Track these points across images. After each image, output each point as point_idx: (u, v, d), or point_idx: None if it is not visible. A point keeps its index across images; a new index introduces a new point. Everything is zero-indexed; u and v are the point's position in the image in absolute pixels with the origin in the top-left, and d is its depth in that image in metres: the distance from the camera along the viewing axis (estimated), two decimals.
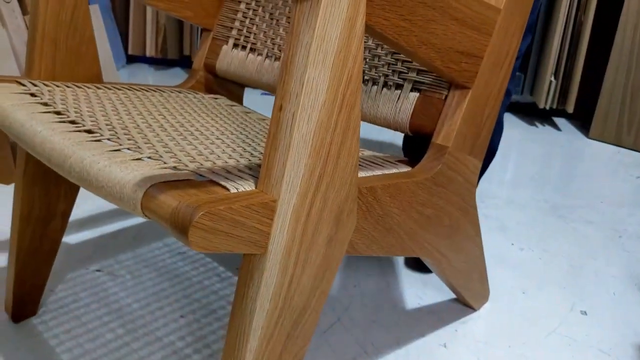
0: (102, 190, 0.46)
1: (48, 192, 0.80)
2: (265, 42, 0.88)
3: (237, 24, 0.92)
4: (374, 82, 0.73)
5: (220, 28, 0.95)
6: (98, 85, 0.80)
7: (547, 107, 1.90)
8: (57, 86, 0.74)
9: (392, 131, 1.72)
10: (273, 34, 0.87)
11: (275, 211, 0.43)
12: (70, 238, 1.08)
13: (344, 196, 0.49)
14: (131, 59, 2.60)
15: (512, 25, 0.66)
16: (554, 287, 1.00)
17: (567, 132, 1.89)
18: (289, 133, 0.43)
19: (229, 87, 0.98)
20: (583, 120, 1.93)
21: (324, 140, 0.45)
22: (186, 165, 0.49)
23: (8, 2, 1.50)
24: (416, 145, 1.01)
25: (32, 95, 0.68)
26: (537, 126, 1.92)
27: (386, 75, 0.71)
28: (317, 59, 0.42)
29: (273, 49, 0.87)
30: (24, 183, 0.78)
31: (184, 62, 2.58)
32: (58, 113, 0.63)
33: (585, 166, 1.61)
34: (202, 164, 0.51)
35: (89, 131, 0.57)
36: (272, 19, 0.88)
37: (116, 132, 0.58)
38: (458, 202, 0.71)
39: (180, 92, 0.88)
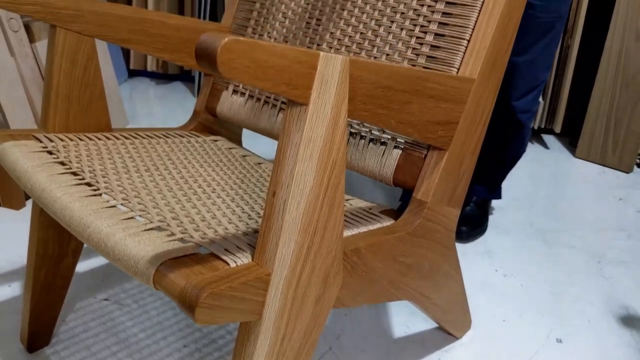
0: (119, 263, 0.52)
1: (61, 233, 0.87)
2: None
3: None
4: (362, 137, 0.79)
5: None
6: (108, 136, 0.86)
7: (536, 127, 1.97)
8: (71, 140, 0.81)
9: None
10: None
11: (269, 283, 0.50)
12: (79, 267, 1.14)
13: (330, 261, 0.56)
14: (132, 73, 2.66)
15: (487, 90, 0.73)
16: (533, 315, 1.07)
17: (555, 151, 1.96)
18: (281, 216, 0.49)
19: (229, 128, 1.05)
20: (571, 138, 1.99)
21: (311, 219, 0.51)
22: (191, 236, 0.56)
23: (16, 32, 1.56)
24: None
25: (50, 152, 0.75)
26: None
27: (372, 132, 0.78)
28: (305, 155, 0.48)
29: (270, 96, 0.93)
30: (39, 226, 0.85)
31: (184, 77, 2.64)
32: (74, 174, 0.69)
33: (571, 187, 1.67)
34: (205, 233, 0.57)
35: (104, 195, 0.64)
36: None
37: (127, 196, 0.65)
38: (438, 248, 0.78)
39: (183, 137, 0.95)
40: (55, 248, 0.88)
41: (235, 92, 0.99)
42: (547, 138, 2.07)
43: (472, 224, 1.33)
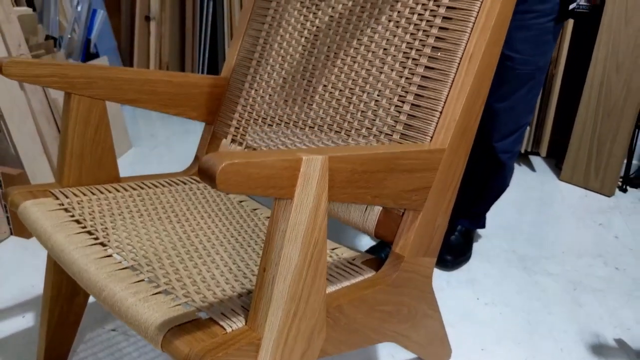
0: (131, 325, 0.61)
1: None
2: (258, 140, 1.03)
3: (234, 122, 1.07)
4: None
5: (220, 124, 1.09)
6: (117, 187, 0.95)
7: (523, 151, 2.05)
8: (84, 194, 0.89)
9: None
10: (266, 133, 1.02)
11: (260, 346, 0.58)
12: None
13: (314, 321, 0.64)
14: None
15: (457, 156, 0.81)
16: (510, 343, 1.15)
17: (540, 173, 2.04)
18: (270, 289, 0.58)
19: None
20: (557, 159, 2.07)
21: (296, 289, 0.60)
22: (193, 300, 0.64)
23: None
24: None
25: (66, 210, 0.83)
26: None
27: None
28: (291, 238, 0.57)
29: (268, 146, 1.01)
30: (54, 271, 0.93)
31: None
32: (89, 233, 0.78)
33: (554, 212, 1.76)
34: (205, 296, 0.66)
35: (116, 255, 0.72)
36: (264, 119, 1.03)
37: (136, 256, 0.73)
38: (415, 293, 0.86)
39: (185, 184, 1.03)
40: (68, 289, 0.96)
41: (233, 140, 1.07)
42: (534, 159, 2.15)
43: (457, 253, 1.41)
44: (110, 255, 0.73)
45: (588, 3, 1.92)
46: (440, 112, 0.79)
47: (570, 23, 1.89)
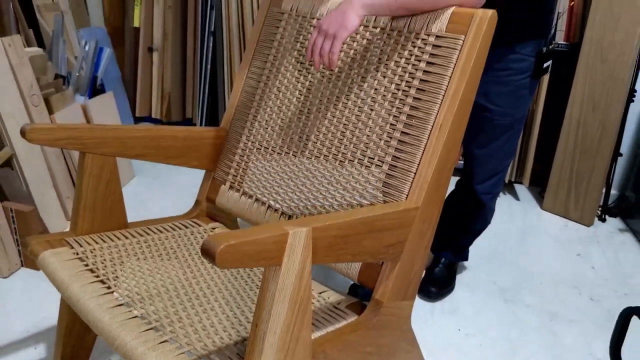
0: None
1: None
2: (254, 188, 1.12)
3: (232, 170, 1.17)
4: None
5: (220, 172, 1.19)
6: (125, 234, 1.04)
7: (507, 181, 2.15)
8: (96, 242, 0.99)
9: None
10: (261, 182, 1.12)
11: None
12: None
13: None
14: (138, 119, 2.84)
15: (431, 210, 0.91)
16: None
17: (524, 202, 2.14)
18: (262, 342, 0.67)
19: (226, 214, 1.23)
20: (541, 188, 2.16)
21: (285, 341, 0.69)
22: (195, 348, 0.74)
23: (37, 106, 1.74)
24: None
25: (80, 259, 0.93)
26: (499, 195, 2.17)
27: None
28: (279, 299, 0.66)
29: (262, 195, 1.11)
30: (67, 312, 1.03)
31: (186, 123, 2.82)
32: (102, 282, 0.87)
33: (535, 241, 1.85)
34: (205, 344, 0.75)
35: (126, 304, 0.82)
36: (260, 169, 1.12)
37: (144, 304, 0.83)
38: (395, 333, 0.95)
39: (187, 227, 1.13)
40: (80, 328, 1.06)
41: (231, 187, 1.17)
42: (519, 187, 2.25)
43: (440, 284, 1.51)
44: (122, 304, 0.82)
45: (567, 42, 2.03)
46: (415, 173, 0.89)
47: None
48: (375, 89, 0.96)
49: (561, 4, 1.98)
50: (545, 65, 1.25)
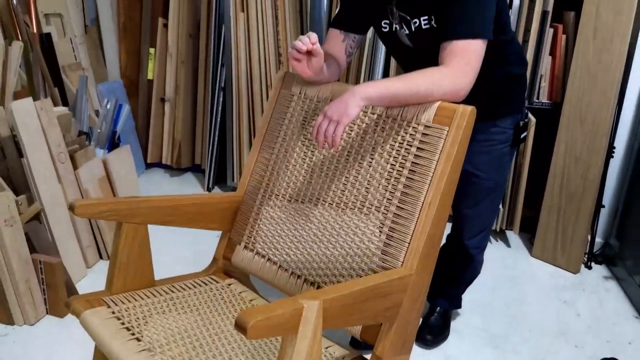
0: None
1: None
2: (267, 249, 1.26)
3: (247, 232, 1.31)
4: None
5: (235, 233, 1.33)
6: (154, 292, 1.18)
7: (498, 229, 2.29)
8: (129, 301, 1.12)
9: None
10: (273, 243, 1.25)
11: None
12: None
13: None
14: (149, 165, 3.00)
15: (423, 275, 1.04)
16: None
17: (515, 249, 2.27)
18: None
19: (241, 271, 1.36)
20: (531, 235, 2.30)
21: None
22: None
23: (63, 163, 1.90)
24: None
25: (117, 318, 1.06)
26: (491, 242, 2.30)
27: None
28: None
29: (274, 255, 1.25)
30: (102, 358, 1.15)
31: (195, 169, 2.98)
32: (138, 339, 1.00)
33: (525, 289, 1.98)
34: None
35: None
36: (272, 232, 1.26)
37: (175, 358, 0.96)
38: None
39: (207, 284, 1.26)
40: None
41: (246, 247, 1.31)
42: (510, 234, 2.38)
43: (436, 332, 1.63)
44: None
45: (550, 101, 2.20)
46: (409, 243, 1.03)
47: (533, 121, 2.16)
48: (373, 168, 1.11)
49: (543, 66, 2.16)
50: (522, 135, 1.41)
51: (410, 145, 1.07)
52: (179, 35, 2.76)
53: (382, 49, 2.25)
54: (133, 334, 1.02)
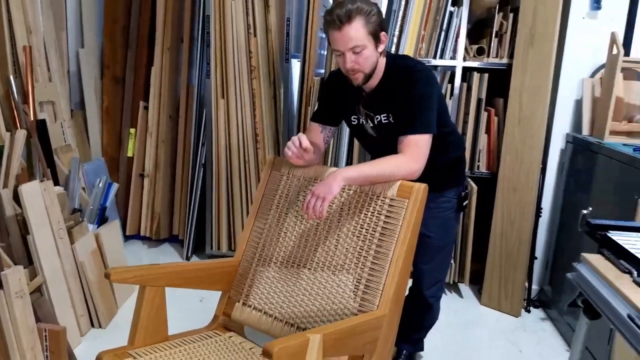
0: None
1: None
2: (263, 304, 1.51)
3: (244, 290, 1.55)
4: None
5: (234, 292, 1.57)
6: (169, 345, 1.39)
7: (451, 282, 2.61)
8: (150, 353, 1.33)
9: None
10: (268, 298, 1.50)
11: None
12: None
13: None
14: (127, 237, 3.17)
15: (394, 315, 1.32)
16: None
17: (466, 299, 2.58)
18: None
19: (237, 325, 1.59)
20: (479, 285, 2.62)
21: None
22: None
23: (62, 239, 2.09)
24: None
25: None
26: (446, 293, 2.61)
27: None
28: None
29: (269, 309, 1.49)
30: None
31: (173, 239, 3.17)
32: None
33: (475, 332, 2.27)
34: None
35: None
36: (267, 289, 1.51)
37: None
38: None
39: (211, 337, 1.48)
40: None
41: (244, 304, 1.55)
42: (461, 286, 2.70)
43: None
44: None
45: (488, 170, 2.60)
46: (382, 291, 1.32)
47: (475, 188, 2.54)
48: (352, 233, 1.41)
49: (481, 142, 2.57)
50: (464, 203, 1.76)
51: (380, 214, 1.38)
52: (160, 117, 3.05)
53: (345, 138, 2.59)
54: None
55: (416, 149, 1.41)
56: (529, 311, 2.45)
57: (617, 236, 1.19)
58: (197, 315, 1.53)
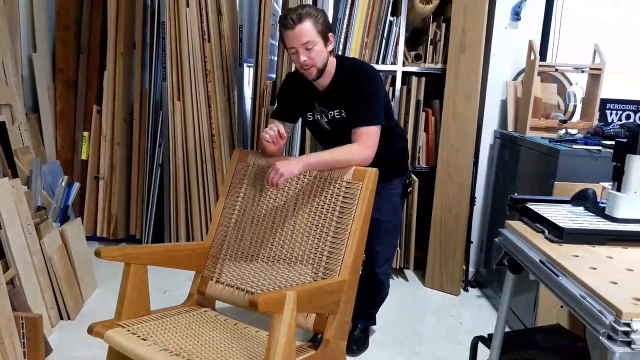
0: None
1: None
2: (234, 279, 1.67)
3: (217, 269, 1.72)
4: None
5: (207, 271, 1.73)
6: (153, 318, 1.53)
7: (397, 267, 2.86)
8: (136, 324, 1.47)
9: None
10: (239, 274, 1.67)
11: None
12: None
13: None
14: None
15: (351, 283, 1.53)
16: None
17: (412, 282, 2.84)
18: (274, 357, 1.22)
19: (209, 301, 1.74)
20: (423, 271, 2.88)
21: (285, 357, 1.24)
22: None
23: (30, 234, 2.15)
24: None
25: (133, 333, 1.41)
26: (393, 278, 2.85)
27: None
28: (282, 334, 1.22)
29: (240, 283, 1.66)
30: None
31: (129, 239, 3.24)
32: (155, 343, 1.36)
33: (422, 309, 2.52)
34: None
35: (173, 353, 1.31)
36: (237, 266, 1.68)
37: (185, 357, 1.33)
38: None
39: (189, 311, 1.64)
40: None
41: (217, 282, 1.71)
42: (408, 272, 2.96)
43: (359, 343, 2.09)
44: (174, 354, 1.32)
45: (427, 165, 2.88)
46: (342, 261, 1.52)
47: (416, 181, 2.81)
48: (314, 212, 1.61)
49: (420, 139, 2.85)
50: (408, 190, 2.01)
51: (338, 195, 1.59)
52: (115, 120, 3.13)
53: (298, 132, 2.81)
54: (149, 342, 1.37)
55: (367, 138, 1.64)
56: (467, 290, 2.74)
57: (533, 206, 1.46)
58: (163, 305, 1.68)
